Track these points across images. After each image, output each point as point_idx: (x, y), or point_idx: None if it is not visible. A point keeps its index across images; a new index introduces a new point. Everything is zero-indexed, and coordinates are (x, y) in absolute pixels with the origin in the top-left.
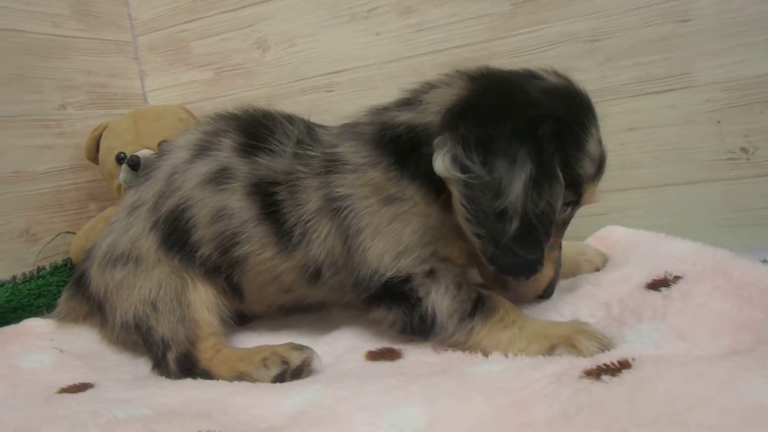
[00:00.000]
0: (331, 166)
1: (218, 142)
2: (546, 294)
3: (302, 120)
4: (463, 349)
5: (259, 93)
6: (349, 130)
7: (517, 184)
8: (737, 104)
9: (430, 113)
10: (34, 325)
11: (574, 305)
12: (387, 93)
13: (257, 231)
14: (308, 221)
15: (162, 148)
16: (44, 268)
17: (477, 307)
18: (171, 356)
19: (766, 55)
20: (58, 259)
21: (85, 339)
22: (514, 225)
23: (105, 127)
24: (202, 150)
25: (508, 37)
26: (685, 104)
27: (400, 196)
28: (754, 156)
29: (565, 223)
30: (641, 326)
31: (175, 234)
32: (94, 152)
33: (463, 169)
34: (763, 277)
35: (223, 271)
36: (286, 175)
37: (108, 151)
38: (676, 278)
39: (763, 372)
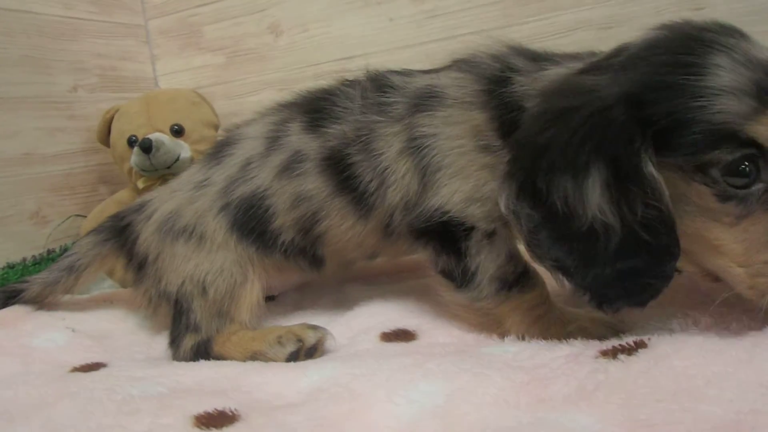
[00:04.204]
0: (421, 105)
1: (287, 129)
2: None
3: (366, 75)
4: (487, 316)
5: (271, 78)
6: (459, 64)
7: (591, 195)
8: None
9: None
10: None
11: None
12: None
13: (335, 204)
14: (386, 168)
15: (228, 135)
16: (54, 251)
17: (519, 280)
18: (190, 342)
19: None
20: (68, 242)
21: (97, 319)
22: (614, 240)
23: (117, 110)
24: (274, 141)
25: (521, 24)
26: None
27: (499, 151)
28: None
29: (767, 191)
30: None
31: (252, 222)
32: (105, 135)
33: (517, 217)
34: None
35: (308, 250)
36: (356, 132)
37: (120, 134)
38: None
39: None
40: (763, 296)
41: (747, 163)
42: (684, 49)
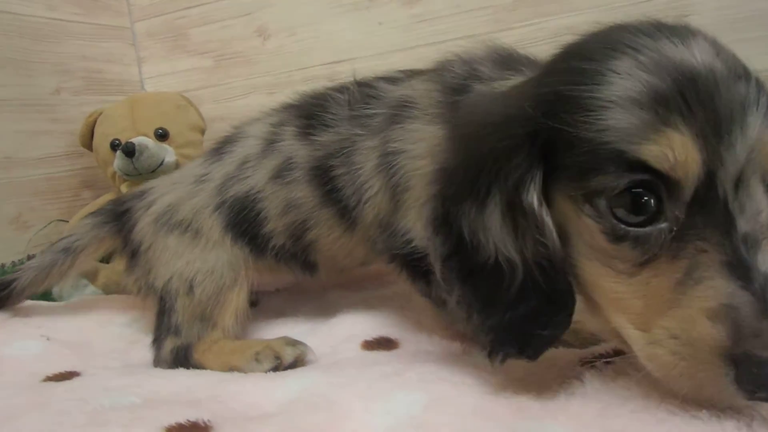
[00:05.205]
0: (395, 117)
1: (282, 133)
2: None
3: (354, 82)
4: (466, 335)
5: (259, 81)
6: (432, 70)
7: (492, 225)
8: None
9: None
10: (20, 308)
11: None
12: None
13: (322, 214)
14: (364, 183)
15: (233, 131)
16: (35, 257)
17: None
18: (170, 345)
19: (765, 50)
20: None
21: (75, 326)
22: (518, 279)
23: (100, 113)
24: (270, 144)
25: (510, 29)
26: None
27: None
28: None
29: (672, 231)
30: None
31: (245, 224)
32: (88, 139)
33: (432, 246)
34: None
35: (299, 256)
36: (340, 144)
37: (102, 137)
38: None
39: None
40: (660, 371)
41: (643, 194)
42: (589, 54)
